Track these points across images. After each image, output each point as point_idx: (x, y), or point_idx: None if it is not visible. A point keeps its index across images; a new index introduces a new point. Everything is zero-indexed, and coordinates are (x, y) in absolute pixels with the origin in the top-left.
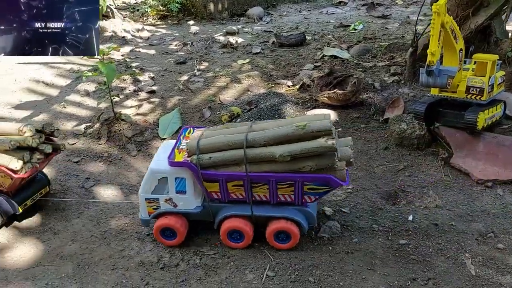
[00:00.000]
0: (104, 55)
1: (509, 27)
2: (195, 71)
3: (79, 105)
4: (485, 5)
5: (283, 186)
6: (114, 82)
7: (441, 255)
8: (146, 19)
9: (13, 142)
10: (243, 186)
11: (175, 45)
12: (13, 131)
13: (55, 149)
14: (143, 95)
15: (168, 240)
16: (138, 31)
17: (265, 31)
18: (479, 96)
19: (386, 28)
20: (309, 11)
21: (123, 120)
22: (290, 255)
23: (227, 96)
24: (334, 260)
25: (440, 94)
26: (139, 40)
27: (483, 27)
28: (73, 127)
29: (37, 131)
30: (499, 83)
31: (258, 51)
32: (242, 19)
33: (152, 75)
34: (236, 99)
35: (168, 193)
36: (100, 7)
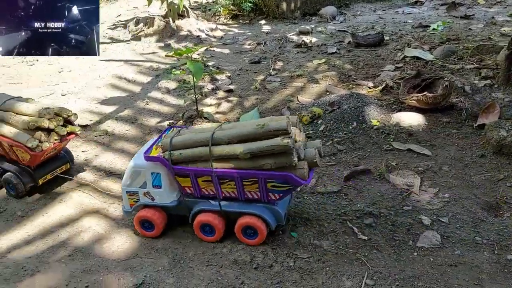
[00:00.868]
0: (191, 53)
1: None
2: (271, 70)
3: (161, 102)
4: None
5: (248, 183)
6: None
7: None
8: (218, 19)
9: (32, 123)
10: (212, 182)
11: (248, 45)
12: (35, 112)
13: (71, 132)
14: (221, 93)
15: (147, 232)
16: (211, 30)
17: (339, 30)
18: None
19: (470, 29)
20: (383, 10)
21: (205, 118)
22: (388, 264)
23: (306, 96)
24: (437, 273)
25: None
26: (213, 39)
27: None
28: (157, 123)
29: (55, 114)
30: None
31: (334, 51)
32: (314, 18)
33: (228, 74)
34: (315, 99)
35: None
36: (176, 6)
